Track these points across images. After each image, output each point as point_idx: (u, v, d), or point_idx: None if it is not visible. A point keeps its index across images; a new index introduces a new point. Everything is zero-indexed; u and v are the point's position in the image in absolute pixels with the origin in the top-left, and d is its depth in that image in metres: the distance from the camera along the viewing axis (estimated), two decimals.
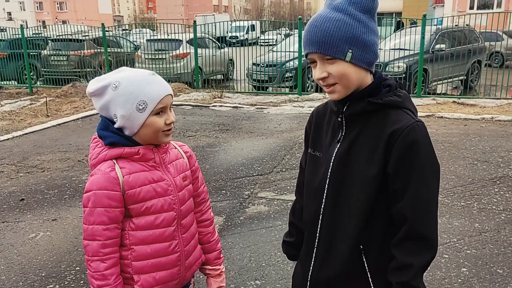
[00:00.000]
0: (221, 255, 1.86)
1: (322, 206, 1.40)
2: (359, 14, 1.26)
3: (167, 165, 1.62)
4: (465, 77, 11.50)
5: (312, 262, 1.45)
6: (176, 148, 1.71)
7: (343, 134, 1.37)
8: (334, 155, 1.37)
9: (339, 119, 1.37)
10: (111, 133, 1.52)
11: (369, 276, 1.35)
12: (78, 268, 3.48)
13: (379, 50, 1.33)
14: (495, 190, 4.83)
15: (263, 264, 3.48)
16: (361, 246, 1.34)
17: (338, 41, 1.24)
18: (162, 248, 1.59)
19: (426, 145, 1.26)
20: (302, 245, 1.57)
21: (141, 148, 1.54)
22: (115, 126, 1.52)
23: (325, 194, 1.39)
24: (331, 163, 1.37)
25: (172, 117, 1.55)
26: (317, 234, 1.42)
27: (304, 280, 1.48)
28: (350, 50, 1.25)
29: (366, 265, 1.35)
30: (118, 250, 1.56)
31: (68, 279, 3.34)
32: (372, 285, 1.35)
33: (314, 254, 1.44)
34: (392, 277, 1.30)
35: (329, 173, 1.37)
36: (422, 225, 1.27)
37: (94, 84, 1.52)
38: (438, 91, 11.60)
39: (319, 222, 1.41)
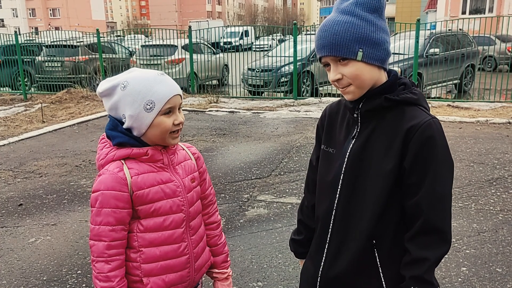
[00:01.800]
0: (228, 259, 1.84)
1: (336, 201, 1.42)
2: (366, 14, 1.30)
3: (175, 166, 1.61)
4: (459, 81, 11.60)
5: (324, 257, 1.46)
6: (184, 149, 1.71)
7: (358, 130, 1.39)
8: (349, 151, 1.39)
9: (354, 115, 1.39)
10: (120, 133, 1.52)
11: (381, 271, 1.37)
12: (79, 271, 3.48)
13: (390, 47, 1.36)
14: (492, 191, 4.88)
15: (265, 266, 3.49)
16: (373, 241, 1.36)
17: (348, 41, 1.28)
18: (171, 250, 1.57)
19: (442, 141, 1.30)
20: (310, 243, 1.58)
21: (150, 148, 1.53)
22: (124, 126, 1.51)
23: (339, 189, 1.41)
24: (346, 159, 1.39)
25: (180, 117, 1.54)
26: (330, 229, 1.44)
27: (314, 276, 1.49)
28: (361, 49, 1.28)
29: (378, 259, 1.37)
30: (124, 252, 1.54)
31: (70, 283, 3.33)
32: (383, 279, 1.37)
33: (325, 249, 1.46)
34: (406, 271, 1.31)
35: (343, 168, 1.40)
36: (437, 219, 1.29)
37: (104, 84, 1.53)
38: (433, 95, 11.69)
39: (332, 217, 1.43)
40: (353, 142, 1.39)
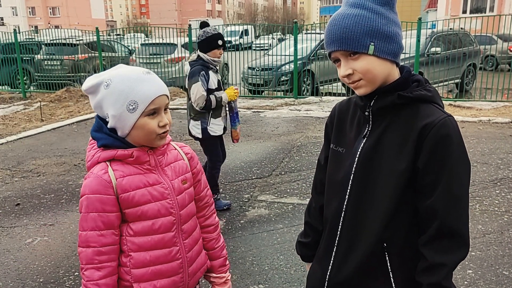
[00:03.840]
0: (227, 262, 1.78)
1: (345, 202, 1.35)
2: (377, 7, 1.25)
3: (164, 168, 1.54)
4: (460, 80, 11.53)
5: (332, 260, 1.40)
6: (176, 149, 1.64)
7: (369, 129, 1.33)
8: (359, 150, 1.33)
9: (366, 113, 1.33)
10: (104, 135, 1.46)
11: (391, 275, 1.31)
12: (77, 273, 3.40)
13: (403, 41, 1.29)
14: (496, 191, 4.81)
15: (266, 268, 3.42)
16: (384, 244, 1.30)
17: (359, 35, 1.22)
18: (162, 255, 1.52)
19: (458, 140, 1.23)
20: (317, 245, 1.52)
21: (135, 150, 1.47)
22: (108, 126, 1.46)
23: (348, 190, 1.35)
24: (357, 158, 1.33)
25: (166, 119, 1.47)
26: (339, 231, 1.38)
27: (322, 280, 1.43)
28: (372, 43, 1.23)
29: (388, 263, 1.30)
30: (116, 259, 1.47)
31: (67, 285, 3.26)
32: (393, 283, 1.31)
33: (334, 251, 1.39)
34: (422, 278, 1.25)
35: (354, 168, 1.34)
36: (454, 221, 1.22)
37: (88, 82, 1.47)
38: None
39: (341, 219, 1.37)
40: (364, 142, 1.33)
